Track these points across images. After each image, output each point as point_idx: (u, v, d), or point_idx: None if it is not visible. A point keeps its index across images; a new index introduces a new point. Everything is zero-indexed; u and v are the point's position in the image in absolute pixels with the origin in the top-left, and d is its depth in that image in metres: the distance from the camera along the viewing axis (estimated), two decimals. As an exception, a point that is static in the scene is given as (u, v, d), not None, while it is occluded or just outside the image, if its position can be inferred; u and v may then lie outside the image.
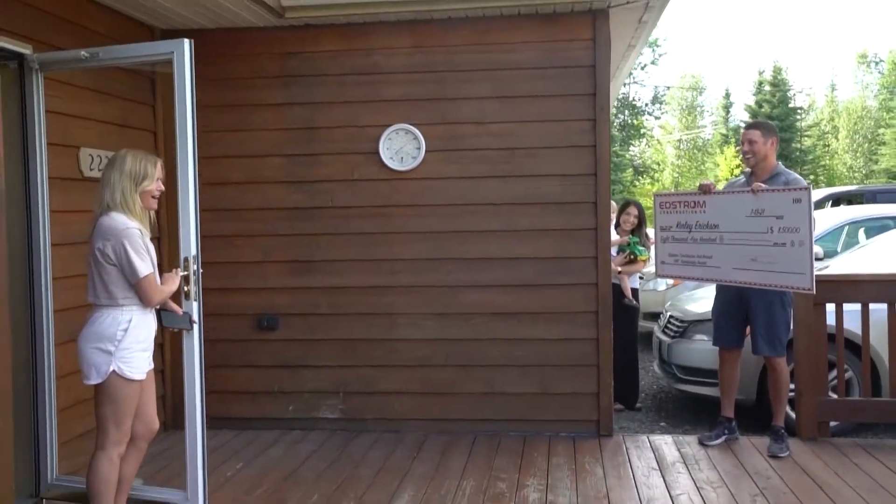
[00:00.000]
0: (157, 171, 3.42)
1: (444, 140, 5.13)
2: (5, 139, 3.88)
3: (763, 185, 4.52)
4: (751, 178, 4.79)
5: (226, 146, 5.22)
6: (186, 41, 3.71)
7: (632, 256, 6.14)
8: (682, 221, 4.84)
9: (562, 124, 5.01)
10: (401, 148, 5.16)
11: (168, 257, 5.00)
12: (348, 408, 5.26)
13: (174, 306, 3.64)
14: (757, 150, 4.69)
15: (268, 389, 5.30)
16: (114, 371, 3.25)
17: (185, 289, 3.66)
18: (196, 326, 3.69)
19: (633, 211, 6.34)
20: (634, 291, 6.19)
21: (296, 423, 5.28)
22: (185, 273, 3.66)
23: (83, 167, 4.35)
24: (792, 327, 4.90)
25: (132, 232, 3.27)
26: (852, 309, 4.94)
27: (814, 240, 4.27)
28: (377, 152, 5.15)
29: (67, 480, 4.00)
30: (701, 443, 4.86)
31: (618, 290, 5.97)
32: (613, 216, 6.26)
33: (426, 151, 5.12)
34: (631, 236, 6.22)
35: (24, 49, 3.90)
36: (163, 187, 3.47)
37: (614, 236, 6.16)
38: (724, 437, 4.90)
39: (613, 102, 35.44)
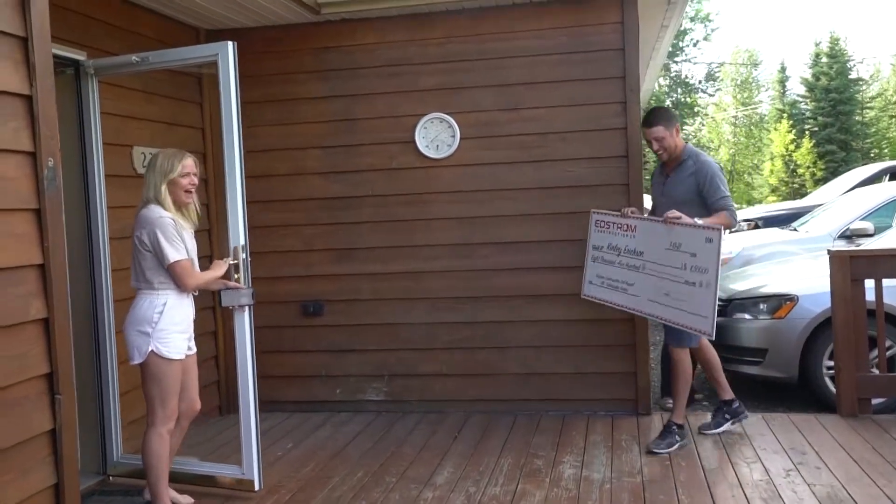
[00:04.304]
0: (183, 166, 3.60)
1: (478, 127, 5.25)
2: (63, 140, 4.16)
3: (677, 216, 4.26)
4: (663, 165, 4.62)
5: (270, 140, 5.44)
6: (230, 44, 3.93)
7: None
8: (613, 244, 4.72)
9: (593, 108, 5.08)
10: (436, 136, 5.30)
11: (217, 248, 5.27)
12: (392, 390, 5.45)
13: (235, 284, 3.86)
14: (668, 146, 4.45)
15: (315, 373, 5.53)
16: (152, 351, 3.50)
17: (236, 276, 3.89)
18: (248, 309, 3.91)
19: None
20: None
21: (343, 406, 5.50)
22: (235, 261, 3.89)
23: (136, 164, 4.61)
24: (835, 305, 4.86)
25: (165, 221, 3.52)
26: (892, 284, 4.91)
27: (718, 276, 4.03)
28: (413, 141, 5.30)
29: (131, 459, 4.27)
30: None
31: None
32: None
33: (461, 139, 5.25)
34: None
35: (79, 55, 4.17)
36: (195, 181, 3.67)
37: None
38: (726, 424, 4.69)
39: (664, 80, 34.79)
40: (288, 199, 5.49)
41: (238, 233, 3.94)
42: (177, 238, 3.53)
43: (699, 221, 4.26)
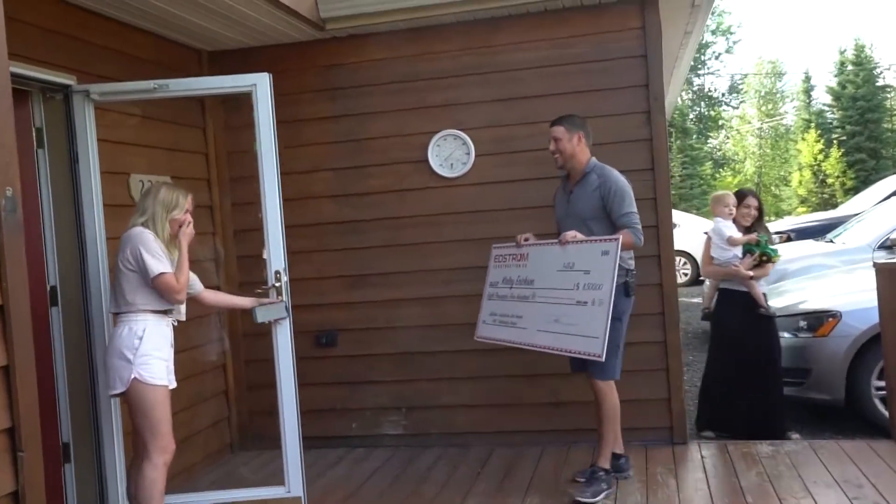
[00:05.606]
0: (188, 203, 3.60)
1: (495, 143, 4.99)
2: (52, 168, 3.97)
3: (573, 235, 3.97)
4: (566, 180, 4.29)
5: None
6: (267, 75, 4.11)
7: (764, 258, 5.21)
8: (507, 276, 4.33)
9: (615, 118, 4.79)
10: (450, 154, 5.04)
11: (223, 277, 5.06)
12: (411, 423, 5.15)
13: (268, 299, 4.03)
14: (562, 149, 4.13)
15: (330, 407, 5.25)
16: (135, 378, 3.33)
17: (279, 298, 4.10)
18: (286, 323, 4.10)
19: (753, 202, 5.34)
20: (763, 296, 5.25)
21: (360, 441, 5.22)
22: (278, 284, 4.09)
23: (134, 193, 4.38)
24: (883, 321, 4.53)
25: (146, 235, 3.42)
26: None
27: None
28: (426, 160, 5.05)
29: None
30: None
31: (747, 299, 5.13)
32: (733, 209, 5.29)
33: (476, 156, 4.99)
34: (760, 234, 5.27)
35: (69, 80, 3.96)
36: (191, 219, 3.61)
37: (737, 233, 5.27)
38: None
39: (686, 94, 34.35)
40: (297, 224, 5.20)
41: (279, 257, 4.14)
42: (159, 252, 3.42)
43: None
